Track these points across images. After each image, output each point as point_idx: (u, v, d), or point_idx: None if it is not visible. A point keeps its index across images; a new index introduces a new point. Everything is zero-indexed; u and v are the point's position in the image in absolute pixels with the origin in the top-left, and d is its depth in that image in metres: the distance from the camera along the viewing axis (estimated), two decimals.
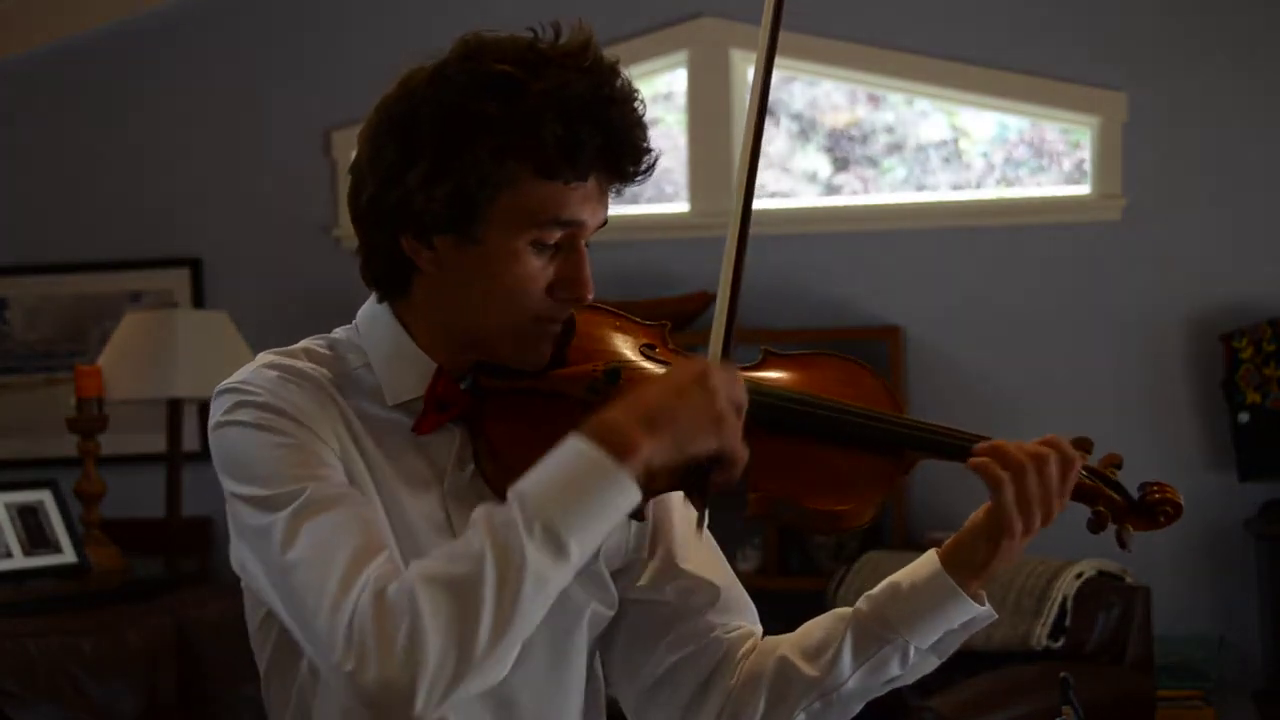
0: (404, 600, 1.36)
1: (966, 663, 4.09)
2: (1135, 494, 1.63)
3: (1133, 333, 4.96)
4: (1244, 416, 4.69)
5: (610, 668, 1.69)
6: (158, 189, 5.59)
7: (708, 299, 4.98)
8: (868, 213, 5.21)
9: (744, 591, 1.71)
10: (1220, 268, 4.92)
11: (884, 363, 4.86)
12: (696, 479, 1.45)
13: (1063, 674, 1.74)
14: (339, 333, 1.64)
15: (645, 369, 1.59)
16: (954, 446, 1.57)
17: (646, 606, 1.66)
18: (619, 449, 1.37)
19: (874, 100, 5.35)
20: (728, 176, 5.19)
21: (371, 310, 1.62)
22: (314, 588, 1.41)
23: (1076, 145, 5.21)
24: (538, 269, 1.53)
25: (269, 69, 5.53)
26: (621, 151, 1.53)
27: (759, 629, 1.69)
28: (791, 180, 5.41)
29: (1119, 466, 1.64)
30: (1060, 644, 4.07)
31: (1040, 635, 4.07)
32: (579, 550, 1.38)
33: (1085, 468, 1.60)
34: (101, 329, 5.40)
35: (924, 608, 1.57)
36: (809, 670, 1.59)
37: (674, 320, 4.91)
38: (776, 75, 6.24)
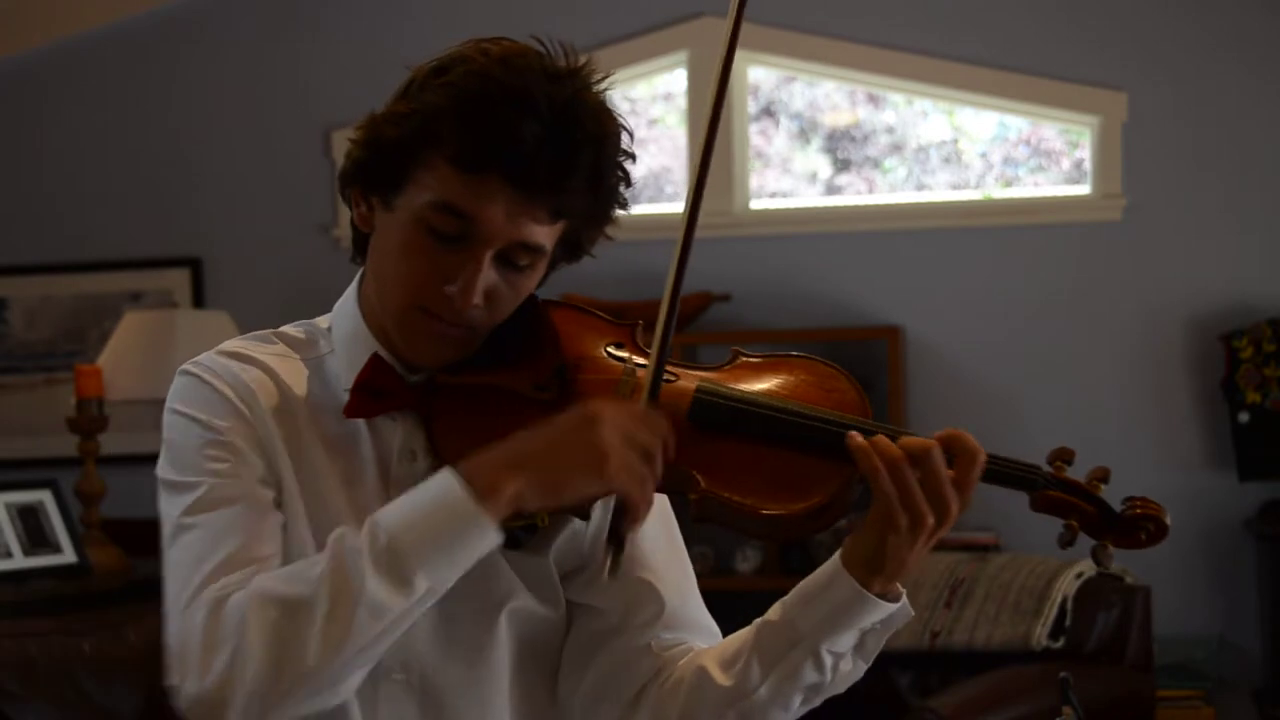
0: (235, 616, 1.39)
1: (966, 663, 4.11)
2: (1115, 508, 1.53)
3: (1133, 333, 4.96)
4: (1244, 416, 4.69)
5: (560, 675, 1.65)
6: (158, 189, 5.59)
7: (708, 299, 4.98)
8: (868, 213, 5.21)
9: (702, 612, 1.66)
10: (1220, 268, 4.92)
11: (884, 363, 4.86)
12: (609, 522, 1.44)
13: (1062, 674, 1.75)
14: (322, 319, 1.66)
15: (601, 365, 1.57)
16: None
17: (589, 613, 1.63)
18: (483, 490, 1.37)
19: (874, 100, 5.35)
20: (728, 177, 5.19)
21: (344, 295, 1.65)
22: (176, 588, 1.48)
23: (1076, 145, 5.21)
24: (428, 250, 1.51)
25: (269, 69, 5.53)
26: (523, 163, 1.48)
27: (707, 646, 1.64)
28: (792, 180, 5.41)
29: (1105, 480, 1.53)
30: (1060, 644, 4.07)
31: (1040, 635, 4.07)
32: (428, 584, 1.38)
33: (1056, 478, 1.52)
34: (101, 329, 5.40)
35: (828, 610, 1.50)
36: (722, 680, 1.54)
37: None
38: (776, 75, 6.18)
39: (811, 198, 5.37)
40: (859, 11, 5.13)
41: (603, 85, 1.54)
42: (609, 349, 1.59)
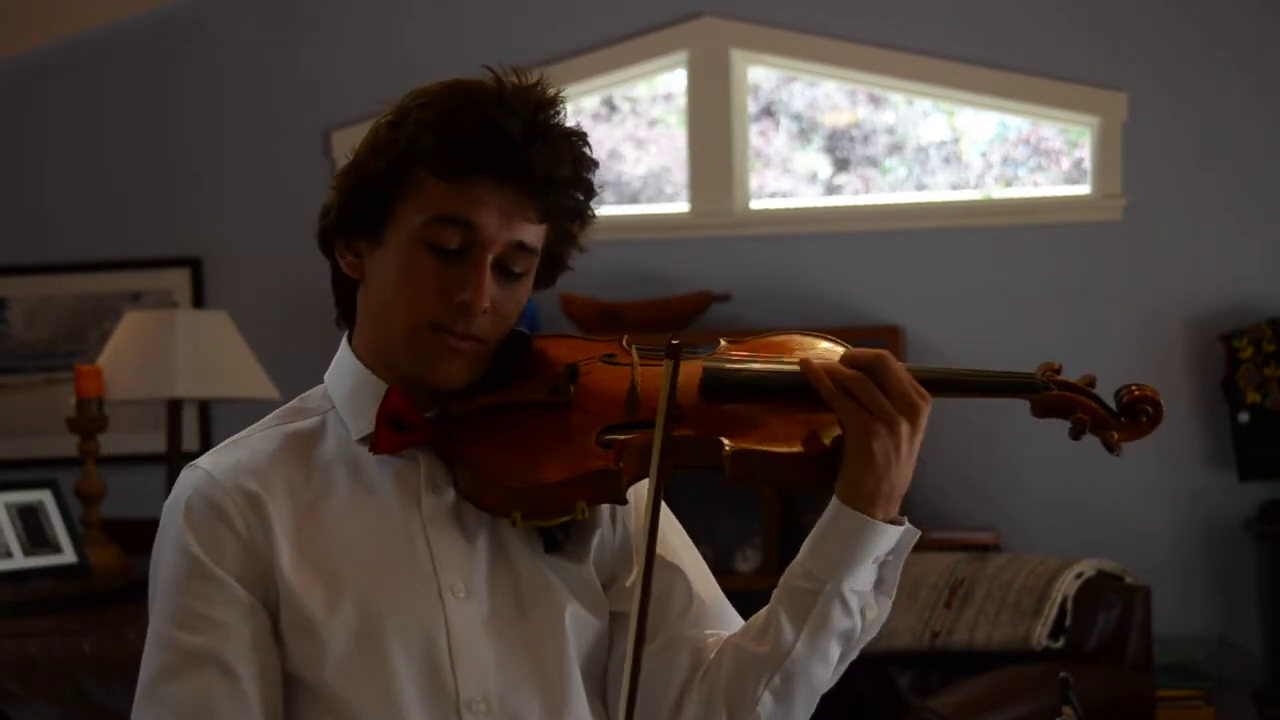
0: None
1: (966, 663, 4.11)
2: (1112, 401, 1.64)
3: (1133, 333, 4.96)
4: (1244, 416, 4.69)
5: (607, 702, 1.67)
6: (158, 189, 5.59)
7: (708, 299, 4.98)
8: (868, 213, 5.21)
9: (733, 611, 1.70)
10: (1220, 268, 4.92)
11: None
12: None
13: (1062, 674, 1.74)
14: (312, 390, 1.70)
15: (605, 367, 1.65)
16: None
17: (623, 625, 1.63)
18: None
19: (874, 100, 5.35)
20: (728, 176, 5.19)
21: (335, 357, 1.69)
22: None
23: (1076, 145, 5.22)
24: (430, 268, 1.57)
25: (269, 69, 5.53)
26: (512, 157, 1.55)
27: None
28: (791, 180, 5.41)
29: (1092, 385, 1.66)
30: (1060, 644, 4.07)
31: (1040, 635, 4.07)
32: None
33: (1055, 380, 1.65)
34: (101, 329, 5.39)
35: (840, 547, 1.55)
36: (758, 647, 1.58)
37: (674, 321, 4.94)
38: (776, 75, 6.17)
39: (811, 198, 5.37)
40: (859, 11, 5.13)
41: (561, 94, 1.61)
42: (603, 359, 1.66)
